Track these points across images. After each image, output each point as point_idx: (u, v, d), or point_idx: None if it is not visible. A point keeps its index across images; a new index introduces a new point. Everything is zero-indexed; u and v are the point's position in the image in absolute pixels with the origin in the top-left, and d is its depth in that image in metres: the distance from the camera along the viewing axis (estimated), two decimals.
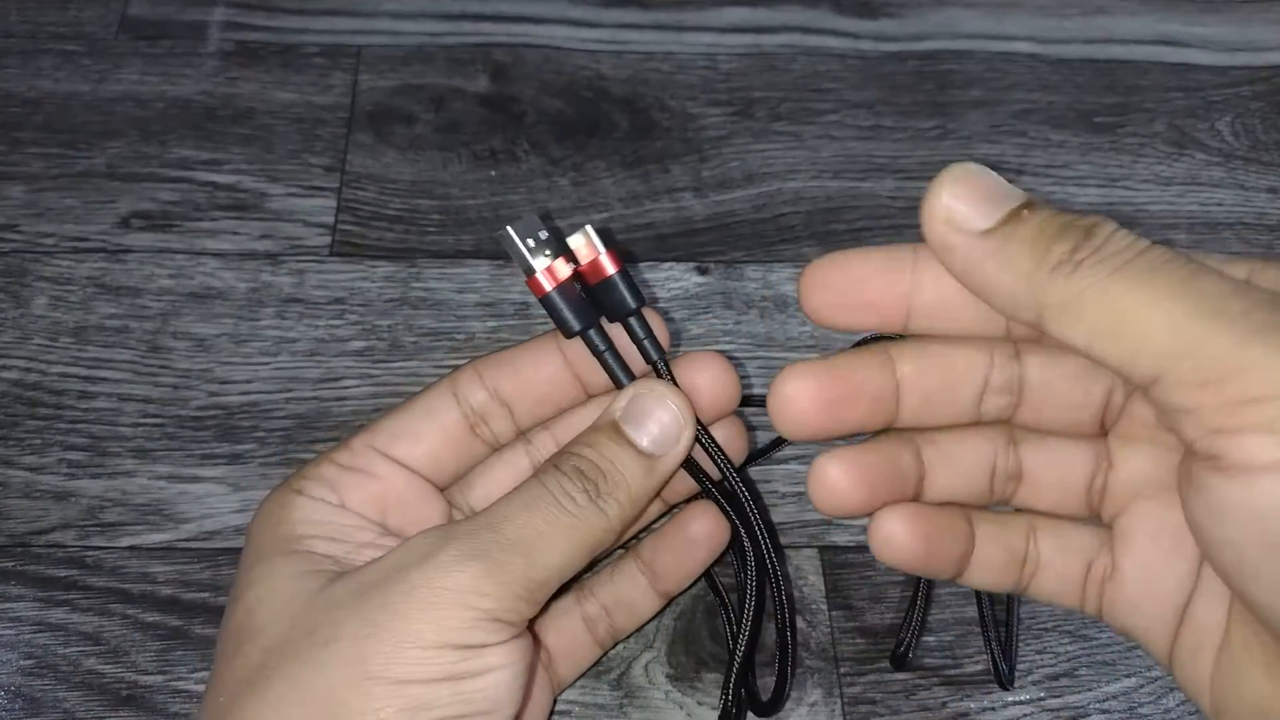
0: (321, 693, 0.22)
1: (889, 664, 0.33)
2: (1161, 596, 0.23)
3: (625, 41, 0.49)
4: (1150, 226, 0.44)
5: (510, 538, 0.24)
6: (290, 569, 0.25)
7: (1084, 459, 0.25)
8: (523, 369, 0.28)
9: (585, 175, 0.44)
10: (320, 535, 0.26)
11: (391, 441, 0.27)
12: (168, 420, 0.37)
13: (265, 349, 0.38)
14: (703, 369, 0.28)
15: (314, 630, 0.23)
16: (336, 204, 0.43)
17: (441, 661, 0.22)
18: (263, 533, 0.26)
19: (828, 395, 0.23)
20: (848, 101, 0.48)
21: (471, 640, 0.23)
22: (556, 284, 0.26)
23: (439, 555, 0.23)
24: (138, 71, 0.46)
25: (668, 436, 0.26)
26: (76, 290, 0.40)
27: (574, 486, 0.25)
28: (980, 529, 0.25)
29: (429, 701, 0.22)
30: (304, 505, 0.26)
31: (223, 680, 0.24)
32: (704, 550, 0.30)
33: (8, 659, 0.32)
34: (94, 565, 0.34)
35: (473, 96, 0.47)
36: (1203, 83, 0.49)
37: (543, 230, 0.27)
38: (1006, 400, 0.24)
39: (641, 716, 0.32)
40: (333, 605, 0.23)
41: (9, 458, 0.36)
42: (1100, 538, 0.25)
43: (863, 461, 0.24)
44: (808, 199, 0.44)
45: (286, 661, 0.23)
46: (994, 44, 0.50)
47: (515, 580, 0.23)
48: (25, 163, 0.43)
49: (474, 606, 0.23)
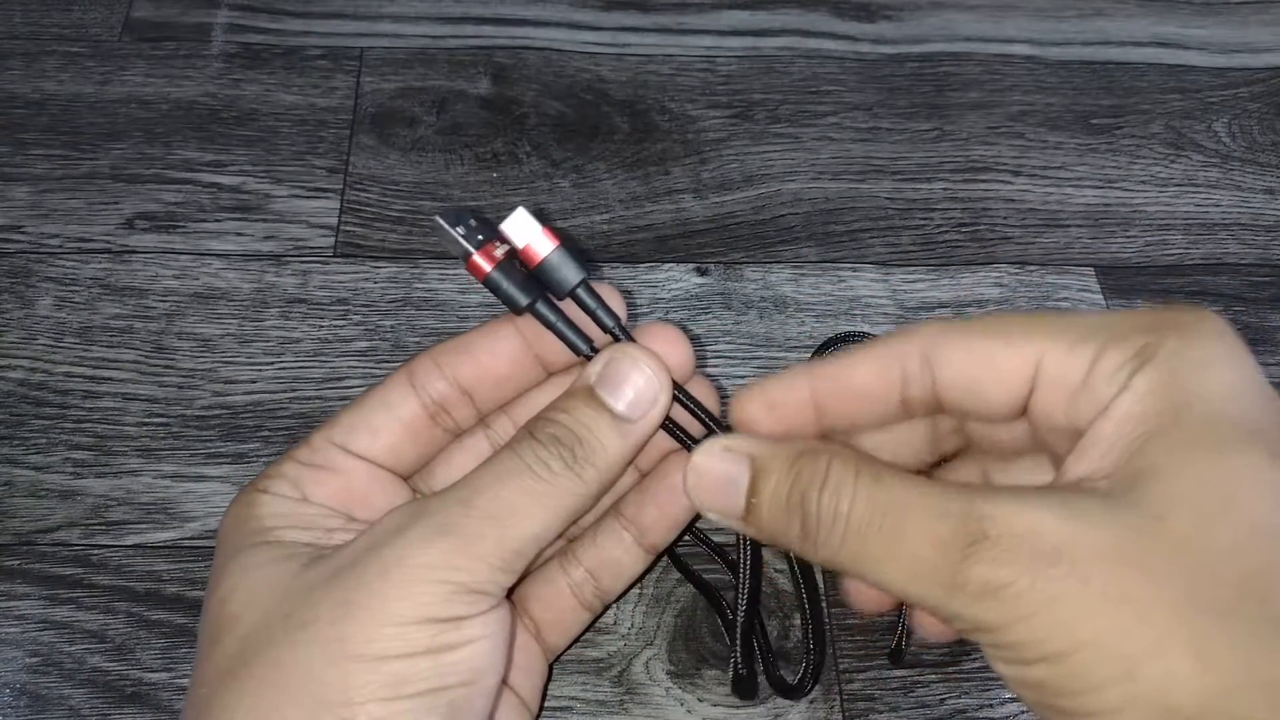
0: (301, 674, 0.22)
1: (887, 660, 0.33)
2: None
3: (626, 44, 0.49)
4: (1147, 227, 0.44)
5: (482, 510, 0.24)
6: (261, 557, 0.25)
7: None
8: (480, 354, 0.28)
9: (586, 177, 0.45)
10: (289, 525, 0.25)
11: (350, 435, 0.27)
12: (172, 420, 0.37)
13: (269, 349, 0.39)
14: (658, 340, 0.27)
15: (290, 614, 0.23)
16: (340, 205, 0.43)
17: (419, 636, 0.23)
18: (231, 531, 0.26)
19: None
20: (846, 104, 0.48)
21: (448, 614, 0.23)
22: (495, 264, 0.26)
23: (411, 531, 0.23)
24: (142, 73, 0.47)
25: (643, 400, 0.26)
26: (81, 291, 0.40)
27: (549, 454, 0.25)
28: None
29: (409, 676, 0.22)
30: (269, 501, 0.26)
31: (203, 673, 0.24)
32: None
33: (13, 657, 0.32)
34: (99, 563, 0.34)
35: (474, 99, 0.47)
36: (1200, 84, 0.50)
37: (471, 219, 0.26)
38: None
39: (642, 713, 0.32)
40: (307, 588, 0.23)
41: (14, 457, 0.36)
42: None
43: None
44: (806, 200, 0.44)
45: (264, 647, 0.23)
46: (992, 46, 0.51)
47: (489, 553, 0.23)
48: (30, 164, 0.43)
49: (448, 580, 0.23)
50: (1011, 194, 0.45)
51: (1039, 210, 0.45)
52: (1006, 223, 0.44)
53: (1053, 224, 0.44)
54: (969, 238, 0.44)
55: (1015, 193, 0.45)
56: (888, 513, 0.21)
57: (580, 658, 0.33)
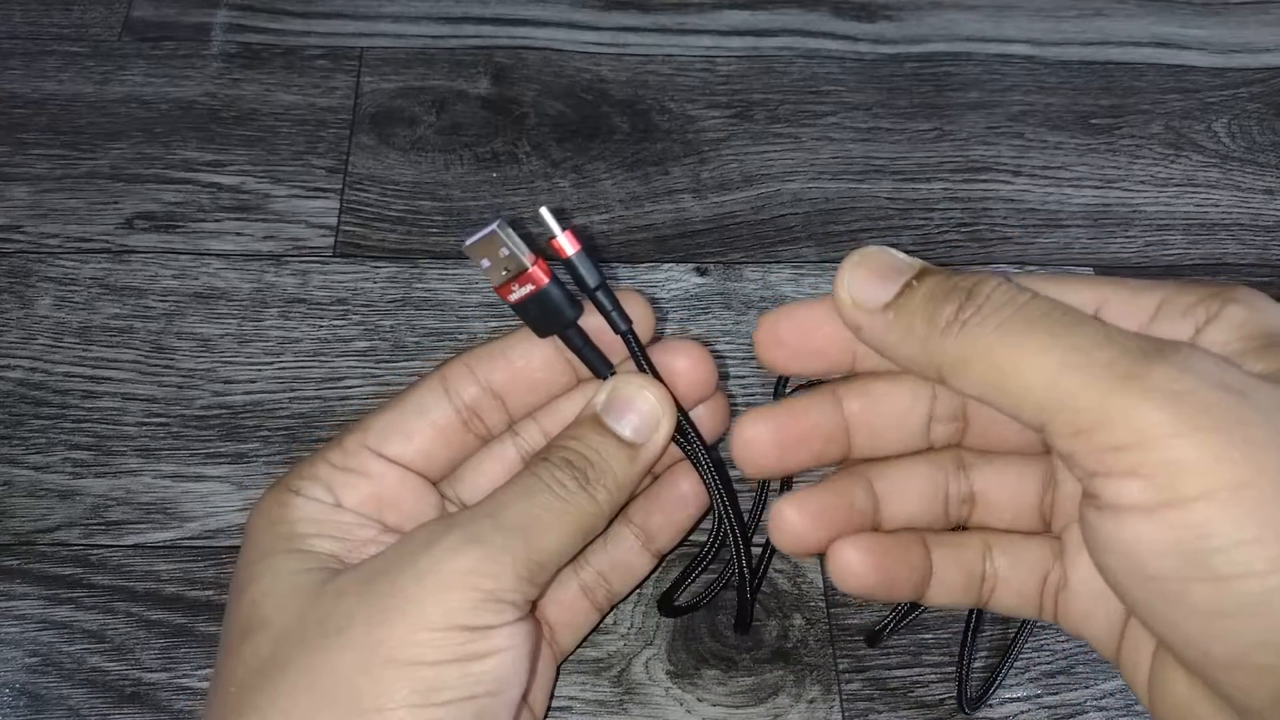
0: (335, 679, 0.23)
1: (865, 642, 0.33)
2: (1107, 605, 0.24)
3: (625, 44, 0.49)
4: (1146, 227, 0.44)
5: (509, 523, 0.25)
6: (294, 564, 0.25)
7: (1033, 477, 0.26)
8: (515, 359, 0.29)
9: (586, 177, 0.45)
10: (321, 534, 0.26)
11: (384, 440, 0.28)
12: (172, 420, 0.37)
13: (269, 349, 0.39)
14: (679, 355, 0.28)
15: (324, 620, 0.24)
16: (339, 205, 0.43)
17: (450, 643, 0.23)
18: (263, 530, 0.26)
19: (782, 437, 0.25)
20: (846, 104, 0.48)
21: (478, 621, 0.23)
22: (521, 300, 0.27)
23: (442, 542, 0.24)
24: (141, 73, 0.47)
25: (647, 425, 0.27)
26: (81, 291, 0.40)
27: (565, 475, 0.26)
28: (937, 552, 0.27)
29: (440, 683, 0.23)
30: (302, 505, 0.26)
31: (231, 671, 0.24)
32: (694, 505, 0.31)
33: (12, 657, 0.32)
34: (98, 563, 0.34)
35: (474, 99, 0.47)
36: (1199, 84, 0.50)
37: (504, 248, 0.26)
38: (953, 426, 0.26)
39: (642, 713, 0.32)
40: (340, 595, 0.24)
41: (14, 457, 0.36)
42: (1054, 550, 0.26)
43: (817, 501, 0.26)
44: (806, 200, 0.44)
45: (298, 651, 0.23)
46: (991, 46, 0.51)
47: (517, 562, 0.24)
48: (29, 164, 0.43)
49: (478, 588, 0.24)
50: (1011, 194, 0.45)
51: (1039, 210, 0.45)
52: (1006, 223, 0.44)
53: (1052, 224, 0.44)
54: (969, 238, 0.44)
55: (1015, 193, 0.45)
56: (1068, 310, 0.21)
57: (580, 658, 0.33)
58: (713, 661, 0.33)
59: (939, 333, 0.21)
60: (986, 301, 0.21)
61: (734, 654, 0.33)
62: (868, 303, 0.23)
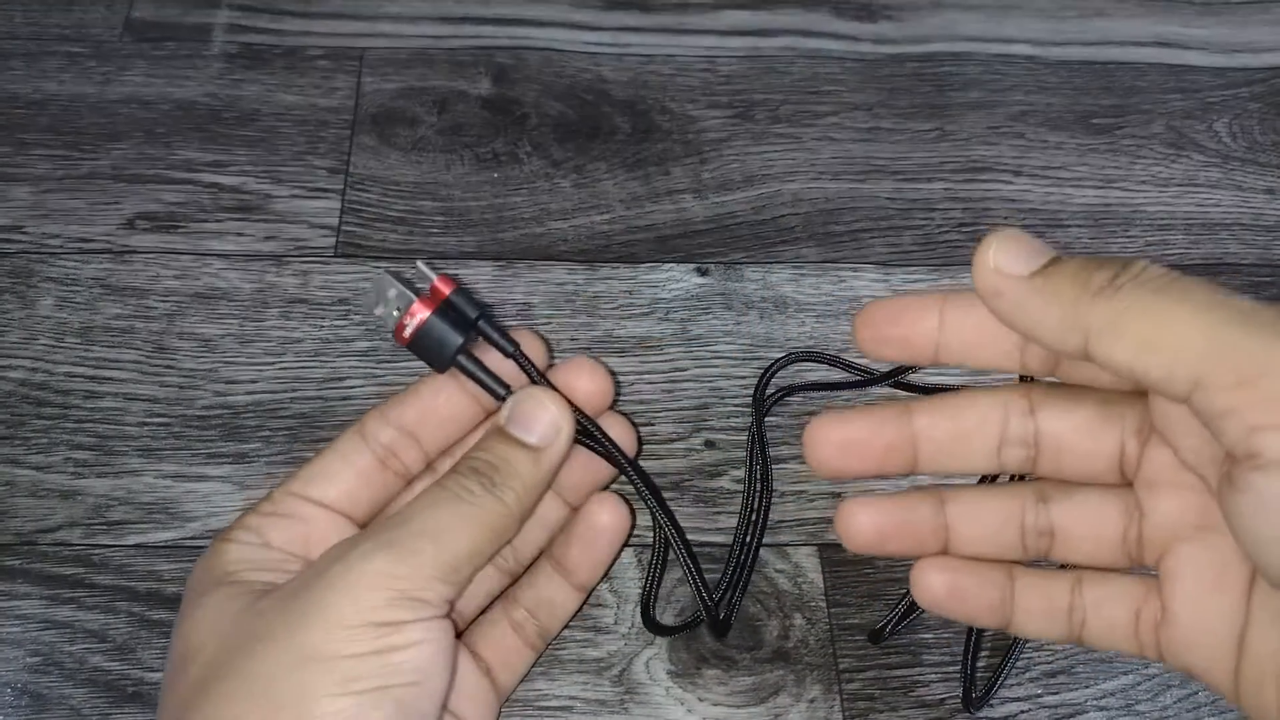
0: (262, 682, 0.24)
1: (868, 639, 0.33)
2: (1215, 633, 0.24)
3: (626, 44, 0.49)
4: (1147, 227, 0.44)
5: (418, 528, 0.26)
6: (224, 594, 0.27)
7: (1114, 510, 0.26)
8: (423, 398, 0.31)
9: (586, 177, 0.45)
10: (252, 569, 0.27)
11: (307, 485, 0.29)
12: (174, 420, 0.37)
13: (270, 349, 0.39)
14: (578, 372, 0.31)
15: (251, 632, 0.25)
16: (340, 205, 0.43)
17: (366, 638, 0.24)
18: (198, 578, 0.28)
19: (849, 438, 0.26)
20: (847, 104, 0.48)
21: (392, 618, 0.25)
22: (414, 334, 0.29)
23: (355, 549, 0.26)
24: (142, 74, 0.47)
25: (548, 429, 0.29)
26: (82, 291, 0.40)
27: (471, 482, 0.27)
28: (1020, 581, 0.26)
29: (358, 674, 0.24)
30: (234, 549, 0.28)
31: (167, 704, 0.26)
32: (609, 537, 0.32)
33: (14, 656, 0.32)
34: (100, 563, 0.34)
35: (475, 99, 0.47)
36: (1200, 84, 0.50)
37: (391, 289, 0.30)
38: (1024, 453, 0.26)
39: (642, 713, 0.32)
40: (263, 612, 0.26)
41: (16, 457, 0.36)
42: (1146, 584, 0.26)
43: (884, 507, 0.26)
44: (807, 200, 0.44)
45: (225, 666, 0.25)
46: (992, 46, 0.51)
47: (426, 563, 0.26)
48: (31, 164, 0.43)
49: (391, 587, 0.25)
50: (1012, 194, 0.45)
51: (1039, 210, 0.45)
52: (1007, 223, 0.44)
53: (1053, 224, 0.44)
54: (970, 238, 0.44)
55: (1016, 193, 0.45)
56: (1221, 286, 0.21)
57: (580, 658, 0.33)
58: (713, 661, 0.33)
59: (1091, 295, 0.22)
60: (1143, 271, 0.22)
61: (735, 654, 0.33)
62: (1012, 269, 0.23)
